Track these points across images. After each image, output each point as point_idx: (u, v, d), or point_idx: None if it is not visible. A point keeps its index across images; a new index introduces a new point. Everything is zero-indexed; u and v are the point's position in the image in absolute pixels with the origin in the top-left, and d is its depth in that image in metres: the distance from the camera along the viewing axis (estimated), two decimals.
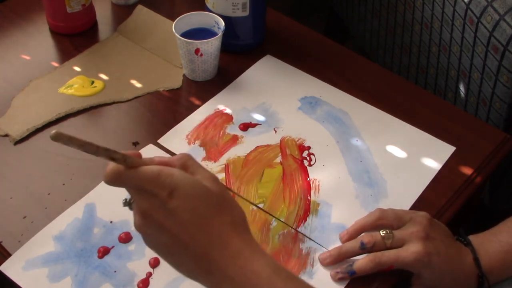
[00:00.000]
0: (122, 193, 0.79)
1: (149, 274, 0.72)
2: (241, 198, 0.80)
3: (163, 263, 0.73)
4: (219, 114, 0.91)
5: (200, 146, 0.87)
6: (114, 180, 0.54)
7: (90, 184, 0.81)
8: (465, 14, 1.06)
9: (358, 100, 0.94)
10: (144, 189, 0.54)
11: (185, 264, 0.56)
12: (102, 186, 0.81)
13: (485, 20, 1.01)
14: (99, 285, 0.71)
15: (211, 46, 0.92)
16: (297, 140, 0.88)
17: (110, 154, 0.53)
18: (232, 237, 0.55)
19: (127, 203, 0.60)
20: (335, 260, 0.73)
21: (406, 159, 0.86)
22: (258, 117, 0.91)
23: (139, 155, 0.56)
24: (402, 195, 0.81)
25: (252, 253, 0.55)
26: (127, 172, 0.54)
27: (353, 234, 0.74)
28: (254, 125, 0.90)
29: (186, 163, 0.57)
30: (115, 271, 0.72)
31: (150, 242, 0.57)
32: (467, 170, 0.85)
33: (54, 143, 0.86)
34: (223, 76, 0.98)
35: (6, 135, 0.87)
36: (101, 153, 0.53)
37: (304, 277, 0.72)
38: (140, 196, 0.55)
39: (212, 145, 0.87)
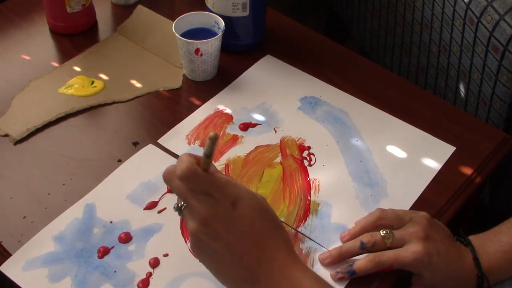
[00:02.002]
0: (122, 194, 0.80)
1: (149, 274, 0.72)
2: None
3: (163, 263, 0.73)
4: (219, 114, 0.91)
5: (200, 146, 0.87)
6: (189, 177, 0.56)
7: (90, 184, 0.81)
8: (465, 14, 1.06)
9: (358, 100, 0.94)
10: (210, 194, 0.56)
11: (233, 273, 0.59)
12: (102, 186, 0.81)
13: (485, 20, 1.01)
14: (99, 285, 0.71)
15: (211, 46, 0.92)
16: (297, 140, 0.88)
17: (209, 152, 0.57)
18: (282, 252, 0.60)
19: (177, 208, 0.61)
20: (335, 260, 0.73)
21: (406, 159, 0.86)
22: (258, 117, 0.91)
23: None
24: (402, 195, 0.81)
25: (299, 266, 0.60)
26: (203, 174, 0.56)
27: (354, 235, 0.74)
28: (254, 125, 0.90)
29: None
30: (115, 271, 0.72)
31: (202, 248, 0.59)
32: (467, 170, 0.85)
33: (54, 143, 0.86)
34: (223, 76, 0.98)
35: (6, 135, 0.87)
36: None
37: None
38: (202, 202, 0.57)
39: None
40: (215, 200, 0.57)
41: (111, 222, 0.77)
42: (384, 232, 0.72)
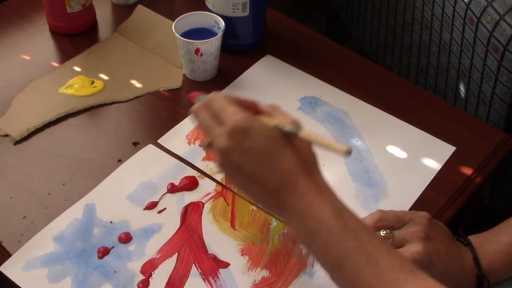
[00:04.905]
0: (122, 194, 0.80)
1: (149, 274, 0.72)
2: (241, 198, 0.80)
3: (163, 264, 0.73)
4: None
5: (200, 146, 0.87)
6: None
7: (90, 184, 0.81)
8: (465, 14, 1.06)
9: (358, 100, 0.94)
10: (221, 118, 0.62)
11: (262, 198, 0.63)
12: (102, 186, 0.81)
13: (485, 20, 1.01)
14: (99, 286, 0.71)
15: (211, 46, 0.92)
16: None
17: None
18: (301, 177, 0.60)
19: (208, 145, 0.65)
20: None
21: (406, 159, 0.86)
22: None
23: None
24: (402, 195, 0.81)
25: (319, 193, 0.60)
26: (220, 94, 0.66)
27: None
28: None
29: (272, 111, 0.66)
30: (115, 272, 0.72)
31: (231, 177, 0.64)
32: (467, 170, 0.85)
33: (54, 143, 0.86)
34: (223, 76, 0.98)
35: (6, 135, 0.87)
36: None
37: (304, 277, 0.72)
38: (221, 133, 0.61)
39: None
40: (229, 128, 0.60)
41: (111, 222, 0.77)
42: (385, 232, 0.71)
